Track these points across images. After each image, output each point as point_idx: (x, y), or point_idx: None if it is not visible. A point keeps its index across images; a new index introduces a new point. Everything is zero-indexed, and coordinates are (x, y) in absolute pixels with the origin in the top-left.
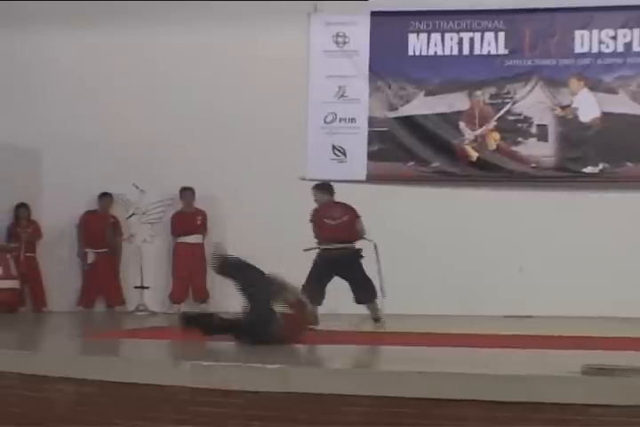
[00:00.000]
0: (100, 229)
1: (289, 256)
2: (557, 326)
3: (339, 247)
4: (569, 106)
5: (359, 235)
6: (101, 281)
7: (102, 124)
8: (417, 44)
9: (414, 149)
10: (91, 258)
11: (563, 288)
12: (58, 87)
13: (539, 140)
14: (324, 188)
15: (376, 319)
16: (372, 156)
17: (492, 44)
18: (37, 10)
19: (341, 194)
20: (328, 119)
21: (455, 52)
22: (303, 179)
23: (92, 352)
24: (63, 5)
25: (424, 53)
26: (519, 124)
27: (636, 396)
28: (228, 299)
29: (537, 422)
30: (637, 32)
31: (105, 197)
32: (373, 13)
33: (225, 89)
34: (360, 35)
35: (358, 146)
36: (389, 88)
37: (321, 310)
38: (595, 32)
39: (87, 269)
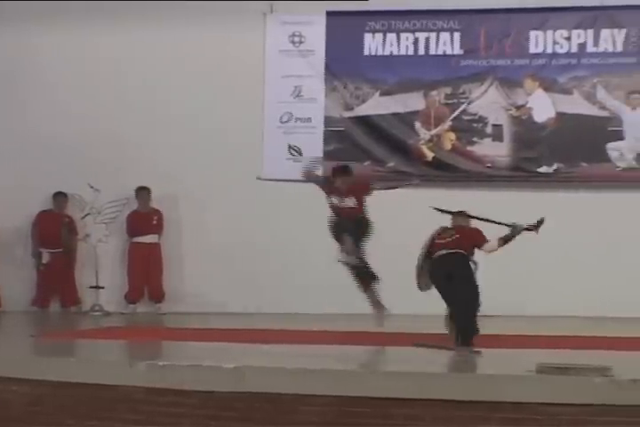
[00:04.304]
0: (55, 229)
1: (244, 254)
2: (516, 325)
3: None
4: (524, 106)
5: None
6: (56, 281)
7: (57, 124)
8: (372, 43)
9: (370, 149)
10: (45, 258)
11: (518, 287)
12: (11, 86)
13: (494, 140)
14: None
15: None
16: (327, 155)
17: (447, 44)
18: None
19: (297, 193)
20: (284, 119)
21: (411, 51)
22: (259, 178)
23: (47, 353)
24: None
25: (380, 53)
26: (474, 124)
27: (591, 394)
28: (184, 299)
29: (495, 421)
30: (591, 33)
31: (59, 196)
32: (329, 13)
33: (181, 88)
34: (316, 34)
35: (314, 145)
36: (345, 88)
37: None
38: (549, 33)
39: (42, 268)
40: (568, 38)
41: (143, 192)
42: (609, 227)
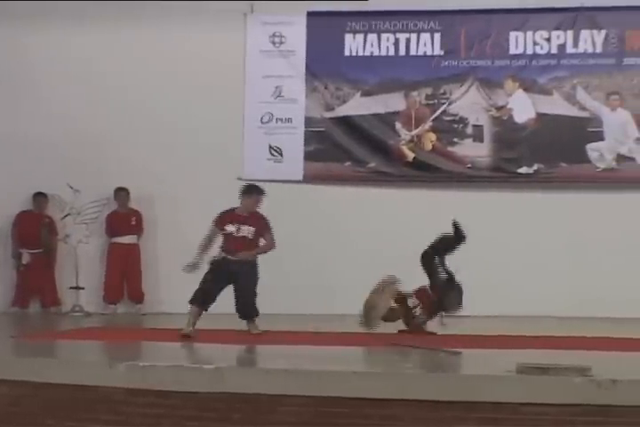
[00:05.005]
0: (35, 230)
1: None
2: (494, 326)
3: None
4: (504, 107)
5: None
6: (36, 282)
7: (37, 124)
8: (353, 44)
9: (351, 150)
10: (25, 258)
11: (497, 287)
12: None
13: (474, 140)
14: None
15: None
16: (308, 156)
17: (427, 44)
18: None
19: (277, 194)
20: (265, 119)
21: (391, 52)
22: (240, 179)
23: (27, 353)
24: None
25: (360, 54)
26: (455, 125)
27: (571, 394)
28: (164, 300)
29: (474, 421)
30: (571, 34)
31: (39, 196)
32: (310, 14)
33: (161, 89)
34: (297, 35)
35: (295, 146)
36: (326, 88)
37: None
38: (529, 33)
39: (22, 269)
40: (548, 39)
41: (121, 193)
42: (588, 227)
